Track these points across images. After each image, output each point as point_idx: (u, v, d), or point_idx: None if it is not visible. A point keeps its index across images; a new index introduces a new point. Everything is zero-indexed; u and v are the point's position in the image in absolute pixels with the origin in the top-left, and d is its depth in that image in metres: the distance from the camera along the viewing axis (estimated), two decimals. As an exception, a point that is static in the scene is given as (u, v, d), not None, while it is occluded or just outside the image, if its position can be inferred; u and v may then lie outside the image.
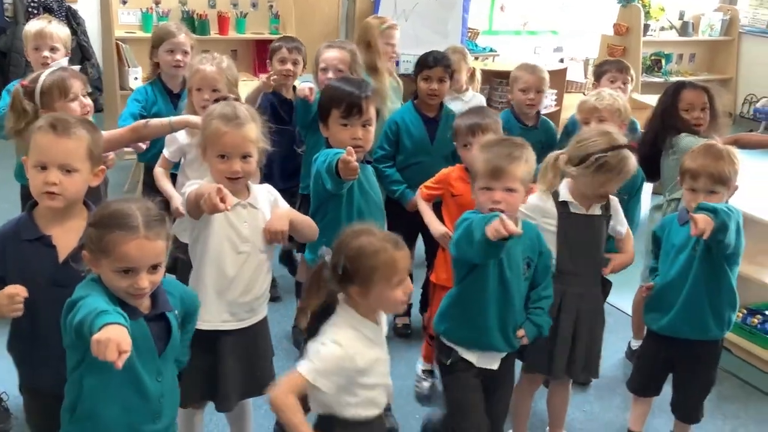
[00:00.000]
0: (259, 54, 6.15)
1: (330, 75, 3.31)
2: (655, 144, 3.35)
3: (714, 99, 3.31)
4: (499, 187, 2.21)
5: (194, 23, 5.74)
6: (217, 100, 2.44)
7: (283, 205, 2.40)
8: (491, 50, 7.14)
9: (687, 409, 2.81)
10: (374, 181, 2.77)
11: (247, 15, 6.01)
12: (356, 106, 2.55)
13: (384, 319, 2.07)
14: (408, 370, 3.25)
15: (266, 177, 2.98)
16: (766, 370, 3.54)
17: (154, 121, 2.79)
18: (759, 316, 3.71)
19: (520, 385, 2.79)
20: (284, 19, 6.09)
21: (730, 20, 8.40)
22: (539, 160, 3.66)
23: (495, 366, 2.37)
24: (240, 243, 2.25)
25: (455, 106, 3.70)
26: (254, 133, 2.25)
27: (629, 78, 3.79)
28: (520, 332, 2.36)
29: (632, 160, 2.48)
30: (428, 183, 3.05)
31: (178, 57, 3.42)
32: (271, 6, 6.11)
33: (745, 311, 3.74)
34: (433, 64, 3.44)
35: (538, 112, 3.70)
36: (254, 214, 2.29)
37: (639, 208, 3.16)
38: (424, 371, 3.21)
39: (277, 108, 3.61)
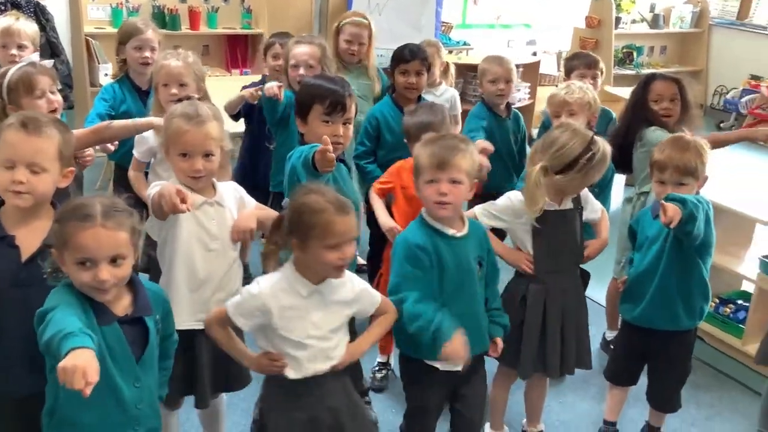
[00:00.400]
0: (232, 49, 6.11)
1: (301, 71, 3.28)
2: (627, 136, 3.36)
3: (685, 90, 3.32)
4: (445, 179, 2.23)
5: (165, 18, 5.68)
6: (180, 100, 2.42)
7: (250, 201, 2.41)
8: (465, 44, 7.14)
9: (662, 399, 2.85)
10: (349, 181, 2.77)
11: (219, 10, 5.96)
12: (340, 104, 2.54)
13: (343, 294, 2.08)
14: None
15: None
16: (739, 358, 3.58)
17: (117, 123, 2.77)
18: (731, 306, 3.76)
19: (496, 380, 2.81)
20: (257, 14, 6.05)
21: (700, 12, 8.49)
22: (511, 150, 3.68)
23: (459, 368, 2.35)
24: (210, 241, 2.25)
25: (428, 99, 3.69)
26: (216, 131, 2.24)
27: (599, 72, 3.80)
28: (499, 344, 2.41)
29: (608, 146, 2.52)
30: (381, 178, 3.06)
31: (146, 54, 3.36)
32: (243, 0, 6.07)
33: (717, 301, 3.79)
34: (410, 57, 3.43)
35: (509, 104, 3.71)
36: (221, 212, 2.30)
37: (609, 201, 3.19)
38: (379, 363, 3.25)
39: (254, 106, 3.58)
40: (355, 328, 2.29)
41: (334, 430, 2.09)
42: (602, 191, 3.06)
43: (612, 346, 2.86)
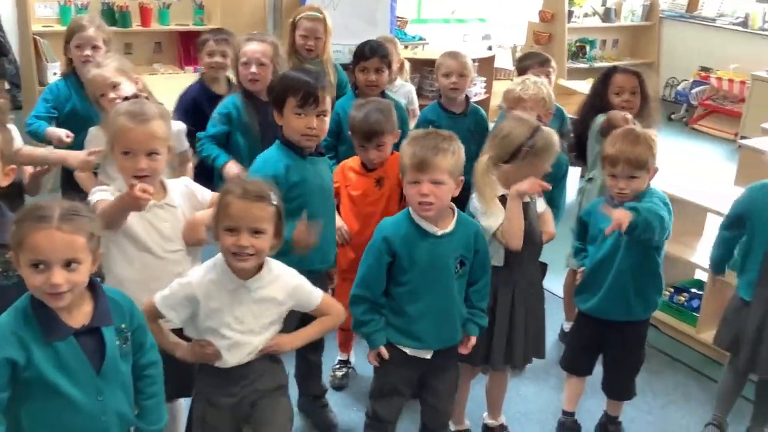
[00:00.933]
0: (185, 46, 6.02)
1: (253, 69, 3.22)
2: (585, 128, 3.41)
3: (645, 83, 3.37)
4: (426, 180, 2.22)
5: (114, 15, 5.58)
6: (127, 98, 2.38)
7: (204, 195, 2.38)
8: (420, 39, 7.15)
9: (618, 388, 2.88)
10: (327, 173, 2.74)
11: (171, 6, 5.87)
12: (312, 96, 2.52)
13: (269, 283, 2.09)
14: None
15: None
16: (694, 346, 3.65)
17: (26, 151, 2.73)
18: (685, 294, 3.83)
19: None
20: (209, 10, 5.97)
21: (651, 5, 8.63)
22: (469, 147, 3.70)
23: (428, 356, 2.39)
24: (164, 243, 2.24)
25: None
26: (161, 130, 2.22)
27: (551, 70, 3.82)
28: (471, 342, 2.43)
29: (555, 135, 2.55)
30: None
31: (87, 52, 3.28)
32: (196, -4, 5.99)
33: (671, 290, 3.85)
34: (369, 54, 3.41)
35: (468, 99, 3.72)
36: (173, 213, 2.28)
37: (564, 194, 3.22)
38: (339, 361, 3.24)
39: (202, 106, 3.52)
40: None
41: (252, 408, 2.15)
42: (557, 185, 3.08)
43: (569, 336, 2.89)
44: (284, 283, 2.13)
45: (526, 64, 3.88)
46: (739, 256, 2.82)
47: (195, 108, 3.53)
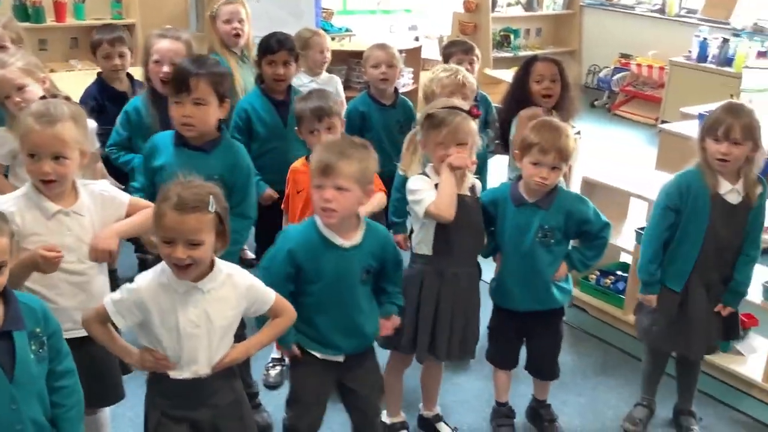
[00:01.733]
0: (103, 41, 5.82)
1: (165, 68, 3.09)
2: (509, 117, 3.45)
3: (564, 71, 3.42)
4: (329, 185, 2.17)
5: (27, 11, 5.38)
6: (44, 97, 2.27)
7: (122, 200, 2.28)
8: (347, 30, 7.12)
9: (543, 368, 2.92)
10: (211, 167, 2.58)
11: (86, 0, 5.68)
12: (183, 83, 2.47)
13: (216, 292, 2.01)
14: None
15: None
16: (622, 327, 3.74)
17: None
18: (611, 277, 3.92)
19: (389, 366, 2.81)
20: (127, 4, 5.81)
21: (572, -6, 8.80)
22: (399, 138, 3.70)
23: (340, 359, 2.36)
24: (66, 254, 2.08)
25: (313, 86, 3.63)
26: (70, 133, 2.11)
27: (475, 58, 3.85)
28: (393, 322, 2.43)
29: (464, 117, 2.52)
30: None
31: None
32: (113, -10, 5.81)
33: (598, 273, 3.94)
34: (277, 47, 3.35)
35: (397, 91, 3.71)
36: (80, 222, 2.17)
37: (485, 181, 3.24)
38: (273, 359, 3.21)
39: (103, 104, 3.42)
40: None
41: (213, 428, 2.07)
42: (478, 171, 3.10)
43: (489, 330, 2.91)
44: (236, 283, 2.05)
45: (450, 51, 3.90)
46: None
47: (96, 106, 3.41)
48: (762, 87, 5.19)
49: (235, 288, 2.05)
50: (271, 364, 3.19)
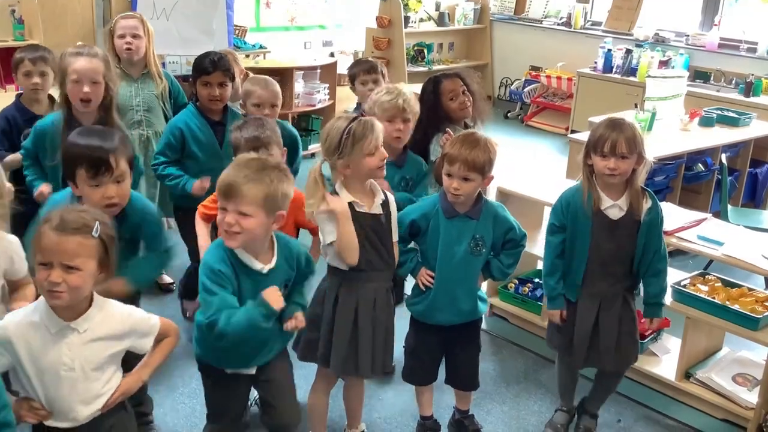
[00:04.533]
0: (4, 63, 5.59)
1: (86, 89, 2.97)
2: (424, 141, 3.35)
3: (467, 80, 3.43)
4: (232, 209, 2.11)
5: None
6: None
7: (21, 266, 2.19)
8: (261, 47, 7.06)
9: (466, 380, 2.93)
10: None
11: (-14, 21, 5.45)
12: (104, 164, 2.29)
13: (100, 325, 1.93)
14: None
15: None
16: (540, 334, 3.79)
17: None
18: (529, 285, 4.00)
19: (315, 384, 2.78)
20: (30, 24, 5.58)
21: (482, 9, 8.99)
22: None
23: (252, 371, 2.38)
24: None
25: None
26: None
27: (380, 76, 3.79)
28: (297, 319, 2.35)
29: (375, 121, 2.53)
30: (207, 201, 2.92)
31: None
32: (14, 10, 5.58)
33: (516, 281, 4.01)
34: (211, 69, 3.29)
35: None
36: None
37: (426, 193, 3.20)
38: None
39: (18, 127, 3.29)
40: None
41: None
42: (417, 185, 3.11)
43: (406, 348, 2.91)
44: (118, 318, 1.96)
45: (354, 72, 3.87)
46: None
47: (10, 129, 3.30)
48: (665, 95, 5.41)
49: (119, 323, 1.96)
50: None
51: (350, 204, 2.51)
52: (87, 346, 1.89)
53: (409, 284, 3.01)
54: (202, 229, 2.89)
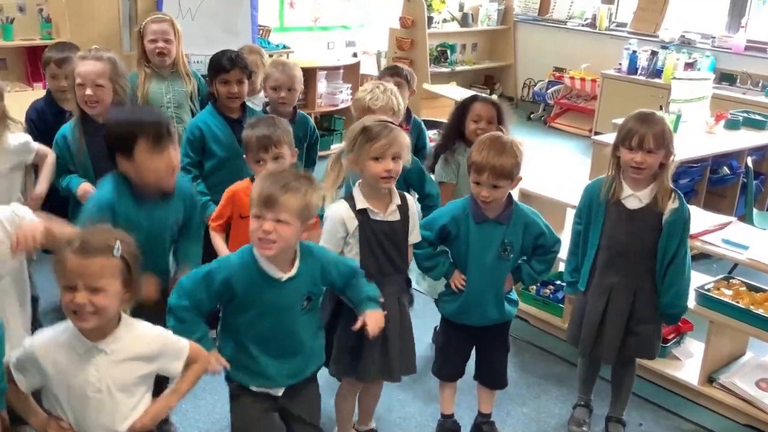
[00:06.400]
0: (32, 62, 5.68)
1: (88, 92, 3.02)
2: (444, 147, 3.43)
3: (503, 114, 3.37)
4: (270, 218, 2.11)
5: (-48, 31, 5.19)
6: None
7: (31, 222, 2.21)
8: (285, 47, 7.09)
9: (494, 378, 2.94)
10: (163, 218, 2.56)
11: (14, 20, 5.52)
12: (165, 127, 2.41)
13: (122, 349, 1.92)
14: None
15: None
16: (561, 336, 3.78)
17: None
18: (551, 287, 3.98)
19: (341, 389, 2.79)
20: (57, 23, 5.65)
21: (505, 10, 8.96)
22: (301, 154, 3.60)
23: (279, 393, 2.31)
24: None
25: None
26: None
27: (403, 81, 3.79)
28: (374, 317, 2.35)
29: (400, 131, 2.52)
30: (215, 212, 2.91)
31: None
32: (41, 9, 5.66)
33: (538, 283, 3.99)
34: (230, 66, 3.32)
35: (295, 108, 3.59)
36: None
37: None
38: None
39: (47, 119, 3.34)
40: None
41: None
42: (418, 188, 3.12)
43: (436, 346, 2.92)
44: (147, 339, 1.96)
45: (379, 75, 3.92)
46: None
47: (39, 120, 3.36)
48: (690, 97, 5.36)
49: (147, 345, 1.95)
50: None
51: (364, 210, 2.51)
52: (115, 367, 1.89)
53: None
54: (220, 242, 2.88)
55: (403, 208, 2.60)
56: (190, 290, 2.16)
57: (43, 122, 3.38)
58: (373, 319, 2.34)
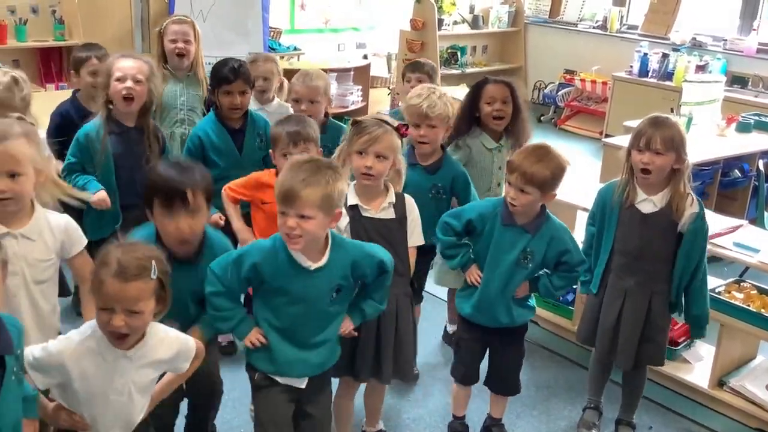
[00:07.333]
0: (45, 63, 5.74)
1: (129, 83, 3.03)
2: (457, 135, 3.42)
3: (516, 93, 3.36)
4: (293, 214, 2.10)
5: (-34, 33, 5.24)
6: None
7: (77, 242, 2.25)
8: (296, 49, 7.12)
9: (506, 384, 2.94)
10: (187, 282, 2.41)
11: (28, 22, 5.58)
12: (179, 194, 2.19)
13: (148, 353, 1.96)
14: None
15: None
16: (571, 338, 3.77)
17: None
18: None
19: (339, 389, 2.77)
20: (70, 25, 5.70)
21: (516, 12, 8.95)
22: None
23: (302, 385, 2.32)
24: (10, 278, 1.98)
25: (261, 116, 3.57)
26: (22, 149, 2.08)
27: (425, 76, 3.87)
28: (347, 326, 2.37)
29: (388, 131, 2.51)
30: (235, 185, 2.95)
31: None
32: (54, 11, 5.70)
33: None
34: (233, 78, 3.28)
35: (327, 115, 3.54)
36: (28, 247, 2.12)
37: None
38: None
39: (72, 122, 3.34)
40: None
41: None
42: (466, 197, 3.07)
43: (453, 346, 2.91)
44: (167, 343, 2.01)
45: (404, 70, 4.00)
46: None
47: (64, 124, 3.38)
48: (701, 100, 5.35)
49: (167, 349, 2.00)
50: None
51: (355, 206, 2.51)
52: (138, 372, 1.95)
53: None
54: (233, 211, 2.91)
55: (399, 207, 2.59)
56: (221, 275, 2.20)
57: (70, 127, 3.37)
58: (346, 323, 2.37)
